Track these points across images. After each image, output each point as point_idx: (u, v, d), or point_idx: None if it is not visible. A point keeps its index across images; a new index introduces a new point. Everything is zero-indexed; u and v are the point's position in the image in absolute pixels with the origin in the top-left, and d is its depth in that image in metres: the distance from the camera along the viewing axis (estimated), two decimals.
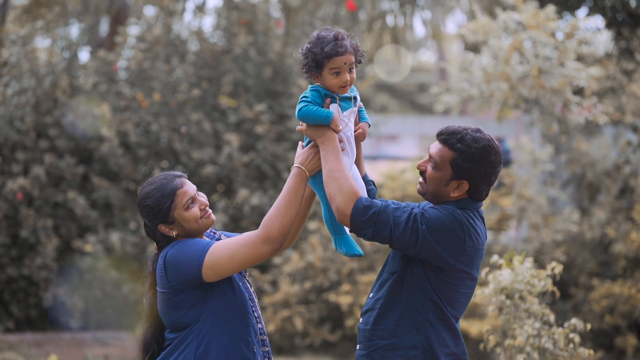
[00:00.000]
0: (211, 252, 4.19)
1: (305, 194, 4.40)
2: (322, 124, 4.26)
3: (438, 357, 4.19)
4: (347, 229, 4.33)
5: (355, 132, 4.40)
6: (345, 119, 4.35)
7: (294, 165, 4.29)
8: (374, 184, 4.60)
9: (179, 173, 4.40)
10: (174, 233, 4.33)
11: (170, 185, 4.32)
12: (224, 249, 4.20)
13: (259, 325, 4.44)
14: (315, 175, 4.31)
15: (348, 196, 4.16)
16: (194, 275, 4.20)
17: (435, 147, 4.25)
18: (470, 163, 4.18)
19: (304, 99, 4.31)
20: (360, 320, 4.36)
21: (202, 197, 4.40)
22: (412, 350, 4.18)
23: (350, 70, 4.30)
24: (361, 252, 4.33)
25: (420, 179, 4.34)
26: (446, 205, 4.22)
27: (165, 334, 4.36)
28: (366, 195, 4.30)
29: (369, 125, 4.48)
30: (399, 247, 4.17)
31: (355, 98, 4.39)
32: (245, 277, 4.52)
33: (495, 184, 14.62)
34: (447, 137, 4.22)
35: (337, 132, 4.26)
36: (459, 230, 4.13)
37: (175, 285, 4.23)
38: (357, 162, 4.50)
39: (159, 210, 4.30)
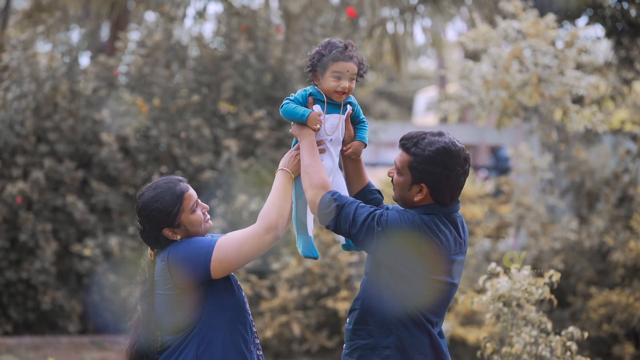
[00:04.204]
0: (219, 247, 4.23)
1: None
2: (299, 122, 4.44)
3: (411, 357, 4.26)
4: (309, 231, 4.49)
5: (346, 150, 4.54)
6: (329, 122, 4.46)
7: (279, 168, 4.48)
8: (380, 193, 4.66)
9: (180, 177, 4.42)
10: (178, 237, 4.34)
11: (178, 188, 4.35)
12: (232, 242, 4.25)
13: (254, 329, 4.47)
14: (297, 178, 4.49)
15: (317, 189, 4.33)
16: (201, 272, 4.21)
17: (398, 153, 4.39)
18: (425, 165, 4.26)
19: (288, 98, 4.52)
20: (347, 320, 4.44)
21: (202, 202, 4.45)
22: (386, 350, 4.29)
23: (351, 80, 4.40)
24: (316, 255, 4.48)
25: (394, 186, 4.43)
26: (410, 210, 4.30)
27: (162, 337, 4.34)
28: (342, 193, 4.41)
29: (365, 145, 4.59)
30: (359, 244, 4.30)
31: (346, 105, 4.47)
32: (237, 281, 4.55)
33: (494, 191, 14.60)
34: (404, 142, 4.35)
35: (314, 130, 4.41)
36: (416, 234, 4.20)
37: (181, 285, 4.23)
38: (358, 173, 4.59)
39: (168, 213, 4.30)
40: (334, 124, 4.48)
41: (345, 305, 10.97)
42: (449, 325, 10.75)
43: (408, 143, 4.31)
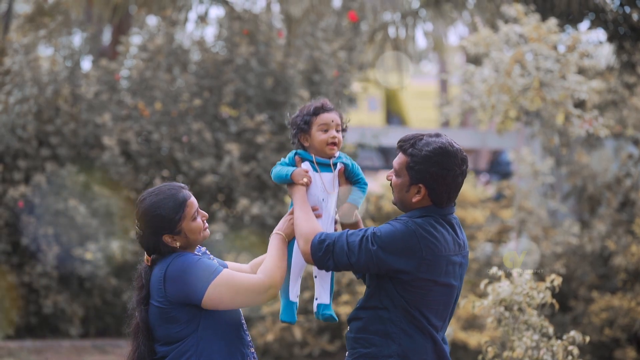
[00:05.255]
0: (216, 286, 4.19)
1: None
2: (287, 181, 4.48)
3: None
4: (292, 296, 4.49)
5: (336, 214, 4.55)
6: (326, 179, 4.49)
7: (274, 232, 4.45)
8: None
9: (181, 184, 4.40)
10: (178, 244, 4.33)
11: (181, 195, 4.32)
12: (229, 287, 4.21)
13: (248, 338, 4.46)
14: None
15: (306, 237, 4.32)
16: (192, 300, 4.20)
17: (396, 156, 4.39)
18: (420, 165, 4.27)
19: (278, 162, 4.56)
20: (348, 328, 4.43)
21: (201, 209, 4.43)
22: (388, 359, 4.26)
23: (337, 131, 4.50)
24: (293, 321, 4.49)
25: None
26: (402, 217, 4.32)
27: (156, 347, 4.33)
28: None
29: (357, 208, 4.58)
30: (361, 270, 4.31)
31: (335, 165, 4.52)
32: None
33: (495, 195, 14.59)
34: (402, 144, 4.37)
35: (301, 185, 4.44)
36: (411, 241, 4.20)
37: (173, 301, 4.22)
38: (355, 225, 4.60)
39: (170, 220, 4.29)
40: (329, 182, 4.50)
41: (347, 309, 10.96)
42: (450, 330, 10.74)
43: (405, 144, 4.32)
